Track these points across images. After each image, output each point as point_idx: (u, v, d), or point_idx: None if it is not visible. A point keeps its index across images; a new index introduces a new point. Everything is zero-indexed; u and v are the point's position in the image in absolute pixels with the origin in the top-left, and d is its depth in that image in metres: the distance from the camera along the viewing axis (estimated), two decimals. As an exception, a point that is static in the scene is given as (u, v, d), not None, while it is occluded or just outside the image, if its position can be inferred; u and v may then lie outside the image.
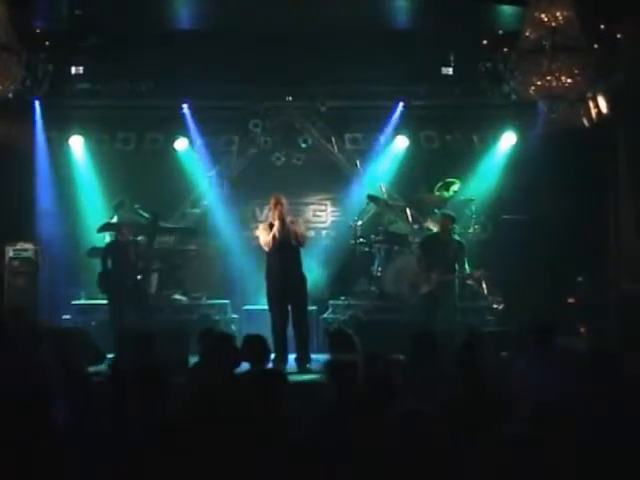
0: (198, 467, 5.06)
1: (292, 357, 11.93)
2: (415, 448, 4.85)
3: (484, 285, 13.99)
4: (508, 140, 15.43)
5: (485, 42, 13.79)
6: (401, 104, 15.31)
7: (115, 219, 14.63)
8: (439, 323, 11.72)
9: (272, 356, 11.39)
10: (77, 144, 15.55)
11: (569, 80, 10.76)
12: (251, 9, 13.10)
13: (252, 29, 13.90)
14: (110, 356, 10.38)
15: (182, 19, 14.37)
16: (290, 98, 15.48)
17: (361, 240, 14.80)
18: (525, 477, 4.38)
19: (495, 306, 13.92)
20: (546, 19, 10.65)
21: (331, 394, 6.39)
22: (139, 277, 13.61)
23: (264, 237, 12.00)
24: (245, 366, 7.96)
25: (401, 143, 15.60)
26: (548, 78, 10.73)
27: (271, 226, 12.01)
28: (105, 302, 13.63)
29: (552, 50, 10.60)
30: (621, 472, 5.35)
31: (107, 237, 14.46)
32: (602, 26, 12.34)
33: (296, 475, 4.67)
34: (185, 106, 15.29)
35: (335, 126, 15.90)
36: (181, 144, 15.54)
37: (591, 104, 14.24)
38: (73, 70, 14.55)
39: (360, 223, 14.84)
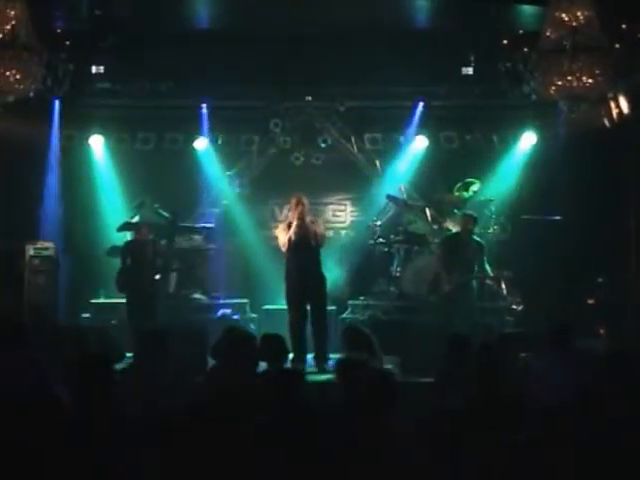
0: (211, 466, 5.07)
1: (310, 357, 11.91)
2: (434, 447, 4.85)
3: (503, 285, 13.95)
4: (528, 140, 15.37)
5: (505, 42, 13.75)
6: (421, 104, 15.29)
7: (137, 219, 14.63)
8: (458, 324, 11.69)
9: (290, 356, 11.47)
10: (97, 143, 15.60)
11: (590, 80, 10.71)
12: (271, 9, 13.11)
13: (272, 29, 13.91)
14: (129, 355, 10.40)
15: (202, 19, 14.40)
16: (310, 98, 15.49)
17: (380, 240, 14.78)
18: (536, 477, 4.37)
19: (514, 307, 13.88)
20: (567, 19, 10.62)
21: (339, 393, 6.39)
22: (157, 276, 13.66)
23: (282, 237, 12.00)
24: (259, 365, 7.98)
25: (421, 143, 15.55)
26: (569, 78, 10.69)
27: (290, 226, 11.99)
28: (124, 301, 13.66)
29: (573, 50, 10.57)
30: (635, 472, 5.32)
31: (128, 236, 14.48)
32: (623, 26, 12.27)
33: (305, 474, 4.68)
34: (204, 106, 15.32)
35: (354, 126, 15.88)
36: (201, 144, 15.56)
37: (612, 104, 14.17)
38: (94, 69, 14.59)
39: (379, 223, 14.84)
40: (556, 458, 4.53)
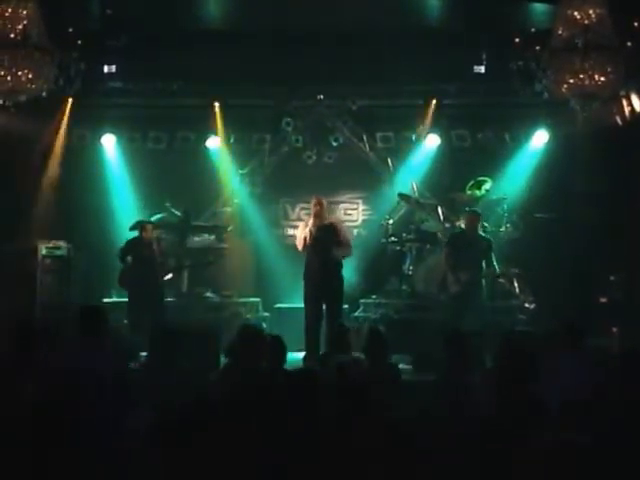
0: (224, 465, 5.07)
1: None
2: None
3: (515, 284, 13.93)
4: (540, 138, 15.33)
5: (517, 40, 13.72)
6: (433, 102, 15.26)
7: (155, 218, 14.62)
8: (469, 322, 11.68)
9: (303, 354, 11.52)
10: (109, 143, 15.60)
11: (602, 78, 10.72)
12: (283, 8, 13.13)
13: (283, 28, 13.93)
14: (143, 354, 10.40)
15: (213, 18, 14.42)
16: (321, 97, 15.48)
17: (392, 239, 14.76)
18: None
19: (527, 305, 13.85)
20: (578, 17, 10.64)
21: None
22: (169, 276, 13.69)
23: (299, 235, 12.20)
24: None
25: (432, 141, 15.52)
26: (581, 76, 10.70)
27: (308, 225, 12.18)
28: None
29: (584, 48, 10.57)
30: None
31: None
32: (635, 24, 12.24)
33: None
34: (216, 105, 15.32)
35: (366, 125, 15.87)
36: (212, 142, 15.57)
37: (624, 102, 14.16)
38: (105, 69, 14.61)
39: (391, 222, 14.82)
40: (567, 458, 4.52)
